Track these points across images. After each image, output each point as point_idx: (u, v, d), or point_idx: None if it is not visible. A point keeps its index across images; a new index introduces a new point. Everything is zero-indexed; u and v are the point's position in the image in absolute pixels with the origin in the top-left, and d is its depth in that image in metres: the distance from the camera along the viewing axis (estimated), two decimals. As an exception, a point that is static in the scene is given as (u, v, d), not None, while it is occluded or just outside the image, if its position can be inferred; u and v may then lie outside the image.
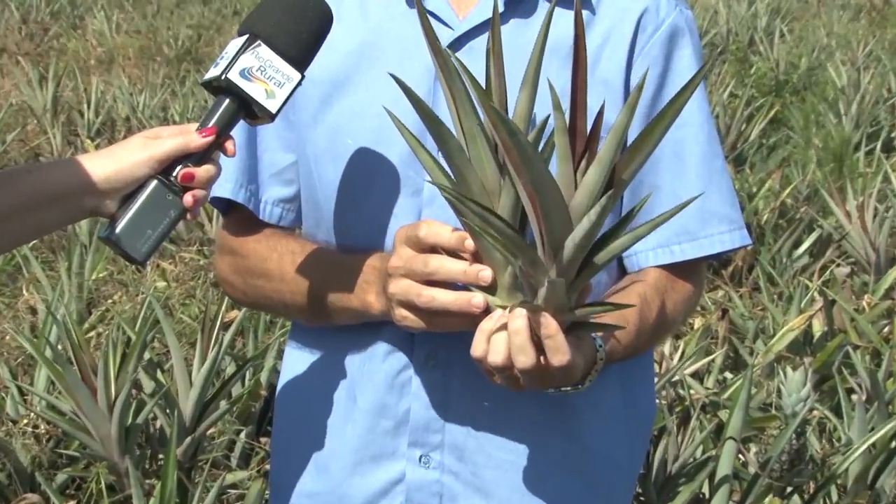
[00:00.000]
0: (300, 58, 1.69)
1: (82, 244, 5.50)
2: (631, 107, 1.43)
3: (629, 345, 1.81)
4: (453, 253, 1.66)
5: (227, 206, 2.01)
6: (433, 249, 1.67)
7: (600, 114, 1.53)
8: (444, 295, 1.65)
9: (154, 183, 1.64)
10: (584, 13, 1.84)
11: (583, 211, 1.49)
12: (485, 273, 1.63)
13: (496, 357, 1.59)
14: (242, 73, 1.66)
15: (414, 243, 1.67)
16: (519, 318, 1.56)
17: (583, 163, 1.50)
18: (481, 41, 1.82)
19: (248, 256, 1.96)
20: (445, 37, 1.83)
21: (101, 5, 12.40)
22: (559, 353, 1.56)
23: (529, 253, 1.53)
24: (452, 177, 1.62)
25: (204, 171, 1.66)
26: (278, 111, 1.69)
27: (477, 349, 1.61)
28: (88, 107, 8.13)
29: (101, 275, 5.51)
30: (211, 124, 1.67)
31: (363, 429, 1.89)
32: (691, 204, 1.80)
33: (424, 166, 1.67)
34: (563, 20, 1.82)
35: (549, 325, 1.55)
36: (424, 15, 1.65)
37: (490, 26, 1.66)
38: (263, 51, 1.67)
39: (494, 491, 1.87)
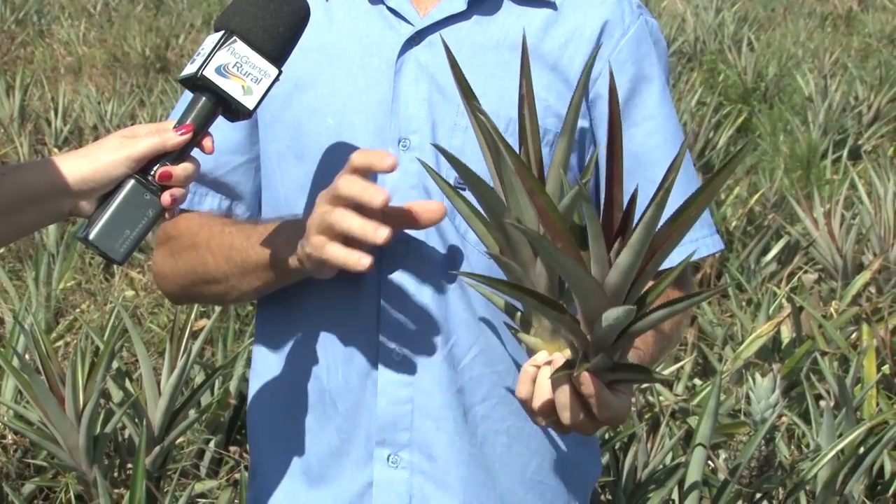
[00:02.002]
0: (277, 53, 1.68)
1: (50, 253, 5.47)
2: (658, 204, 1.43)
3: (654, 357, 1.85)
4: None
5: None
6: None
7: (635, 193, 1.53)
8: (352, 219, 1.64)
9: (131, 182, 1.64)
10: (547, 11, 1.87)
11: (617, 290, 1.49)
12: (381, 231, 1.62)
13: (543, 405, 1.61)
14: (218, 70, 1.65)
15: (332, 197, 1.67)
16: (562, 377, 1.57)
17: (617, 243, 1.50)
18: (440, 36, 1.82)
19: (181, 235, 1.95)
20: (405, 33, 1.85)
21: (67, 14, 12.35)
22: (604, 408, 1.58)
23: (567, 323, 1.54)
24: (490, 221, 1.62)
25: (182, 169, 1.66)
26: (256, 107, 1.68)
27: (522, 391, 1.63)
28: (56, 115, 8.09)
29: (68, 284, 5.48)
30: (188, 122, 1.66)
31: (340, 436, 1.89)
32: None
33: (461, 214, 1.67)
34: (524, 17, 1.86)
35: (590, 385, 1.55)
36: (460, 72, 1.64)
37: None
38: (239, 47, 1.66)
39: (464, 488, 1.87)
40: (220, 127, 1.93)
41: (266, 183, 1.95)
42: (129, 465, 3.77)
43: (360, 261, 1.64)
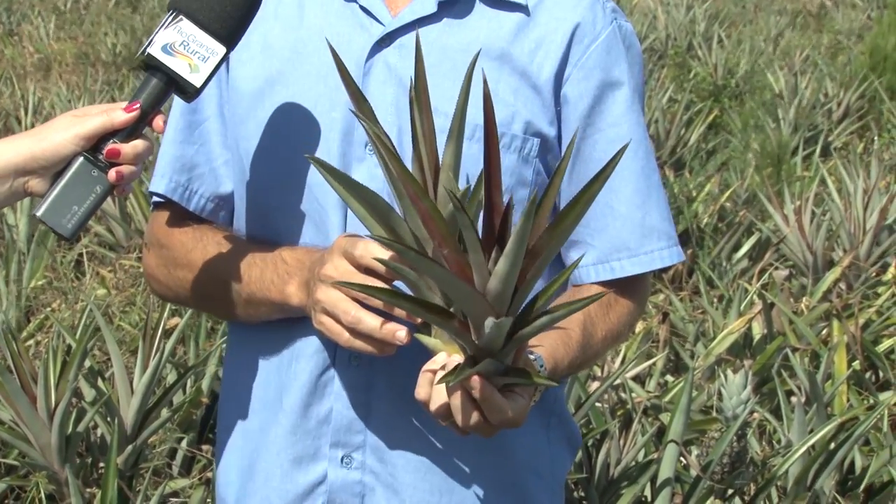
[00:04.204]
0: (225, 32, 1.70)
1: (20, 251, 5.45)
2: (527, 215, 1.44)
3: (574, 363, 1.83)
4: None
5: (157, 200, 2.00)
6: (368, 269, 1.66)
7: (511, 201, 1.55)
8: (370, 321, 1.65)
9: (80, 160, 1.66)
10: (519, 16, 1.86)
11: (499, 296, 1.50)
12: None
13: (437, 408, 1.62)
14: (164, 49, 1.68)
15: (350, 259, 1.67)
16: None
17: (494, 251, 1.51)
18: (411, 38, 1.82)
19: (174, 247, 1.95)
20: (376, 33, 1.84)
21: (37, 12, 12.28)
22: (496, 411, 1.59)
23: (453, 328, 1.55)
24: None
25: (131, 147, 1.68)
26: (203, 85, 1.70)
27: (421, 392, 1.63)
28: (26, 113, 8.04)
29: (39, 282, 5.45)
30: (136, 100, 1.68)
31: (285, 430, 1.89)
32: (633, 219, 1.83)
33: (351, 208, 1.67)
34: (496, 21, 1.85)
35: (481, 389, 1.57)
36: (342, 65, 1.66)
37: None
38: (186, 25, 1.68)
39: (411, 494, 1.87)
40: (217, 119, 1.94)
41: (237, 181, 1.94)
42: (102, 465, 3.76)
43: (397, 335, 1.65)
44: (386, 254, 1.62)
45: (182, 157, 1.95)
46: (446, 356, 1.61)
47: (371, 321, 1.65)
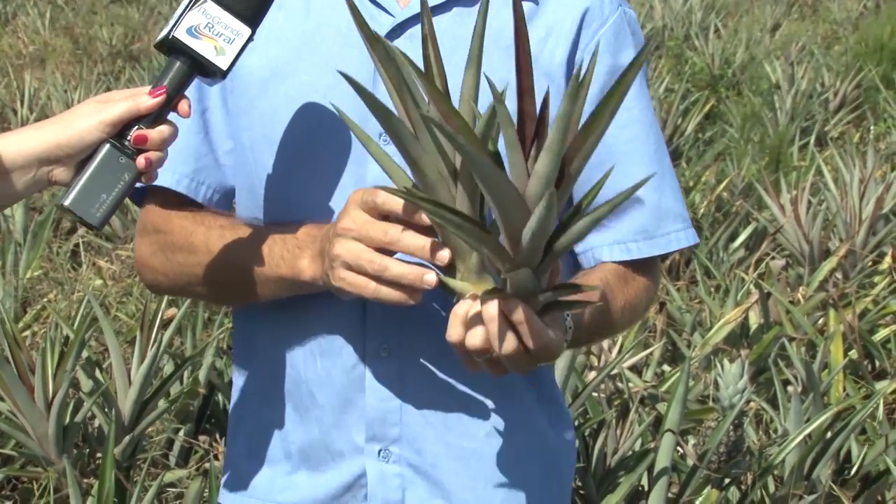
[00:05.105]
0: (249, 13, 1.68)
1: (16, 242, 5.45)
2: (571, 95, 1.42)
3: (592, 327, 1.81)
4: (408, 222, 1.63)
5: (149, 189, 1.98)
6: (387, 217, 1.63)
7: (546, 100, 1.51)
8: (397, 266, 1.62)
9: (106, 147, 1.63)
10: (529, 4, 1.84)
11: (538, 199, 1.46)
12: (443, 253, 1.61)
13: (475, 340, 1.57)
14: (190, 31, 1.65)
15: (370, 208, 1.64)
16: (491, 306, 1.54)
17: (533, 150, 1.49)
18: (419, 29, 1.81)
19: (173, 232, 1.91)
20: (386, 24, 1.83)
21: (33, 2, 12.26)
22: (535, 336, 1.56)
23: (491, 243, 1.51)
24: (406, 166, 1.60)
25: (157, 132, 1.65)
26: (229, 68, 1.68)
27: (453, 334, 1.59)
28: (22, 104, 8.04)
29: (35, 273, 5.46)
30: (162, 85, 1.66)
31: (320, 427, 1.87)
32: (649, 201, 1.85)
33: (375, 158, 1.66)
34: (506, 10, 1.83)
35: (520, 311, 1.54)
36: (355, 8, 1.64)
37: (428, 12, 1.65)
38: (210, 7, 1.66)
39: (455, 481, 1.85)
40: (221, 109, 1.92)
41: (240, 172, 1.92)
42: (99, 455, 3.76)
43: (426, 278, 1.62)
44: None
45: (187, 148, 1.92)
46: (474, 295, 1.58)
47: (398, 266, 1.61)
